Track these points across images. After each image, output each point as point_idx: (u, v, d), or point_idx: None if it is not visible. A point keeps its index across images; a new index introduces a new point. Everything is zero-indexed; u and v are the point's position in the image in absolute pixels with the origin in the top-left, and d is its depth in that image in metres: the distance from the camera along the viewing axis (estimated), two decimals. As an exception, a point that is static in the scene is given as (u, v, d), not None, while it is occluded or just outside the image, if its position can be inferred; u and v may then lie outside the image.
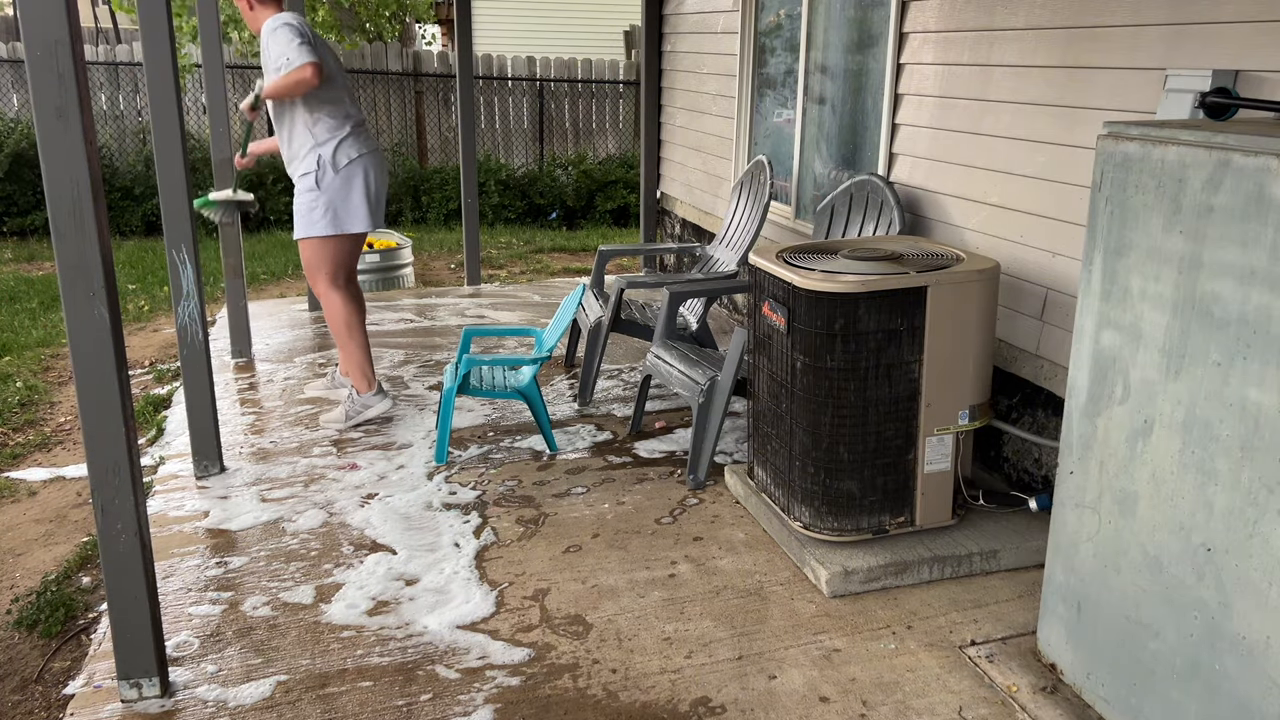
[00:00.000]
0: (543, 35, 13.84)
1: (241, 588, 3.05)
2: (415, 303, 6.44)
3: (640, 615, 2.93)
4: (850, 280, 2.91)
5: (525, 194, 10.75)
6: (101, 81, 9.86)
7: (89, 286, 2.23)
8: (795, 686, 2.60)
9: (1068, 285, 3.33)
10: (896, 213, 3.93)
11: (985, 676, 2.65)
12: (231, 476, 3.83)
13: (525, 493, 3.72)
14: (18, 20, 2.09)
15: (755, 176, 4.98)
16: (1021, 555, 3.19)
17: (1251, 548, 1.98)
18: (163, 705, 2.51)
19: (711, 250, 5.14)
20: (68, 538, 3.66)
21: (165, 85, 3.30)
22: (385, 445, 4.13)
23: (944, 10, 3.89)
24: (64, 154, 2.15)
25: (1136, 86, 3.04)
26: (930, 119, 4.01)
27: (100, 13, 12.90)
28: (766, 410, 3.32)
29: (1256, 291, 1.92)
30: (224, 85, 4.84)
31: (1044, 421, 3.57)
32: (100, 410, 2.31)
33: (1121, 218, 2.23)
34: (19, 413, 4.88)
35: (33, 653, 2.97)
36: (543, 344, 4.20)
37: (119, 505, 2.38)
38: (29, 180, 8.96)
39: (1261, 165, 1.88)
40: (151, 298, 7.13)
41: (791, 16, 5.20)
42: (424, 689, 2.58)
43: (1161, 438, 2.18)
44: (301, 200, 4.12)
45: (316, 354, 5.33)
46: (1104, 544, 2.38)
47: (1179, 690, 2.20)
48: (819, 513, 3.13)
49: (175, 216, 3.42)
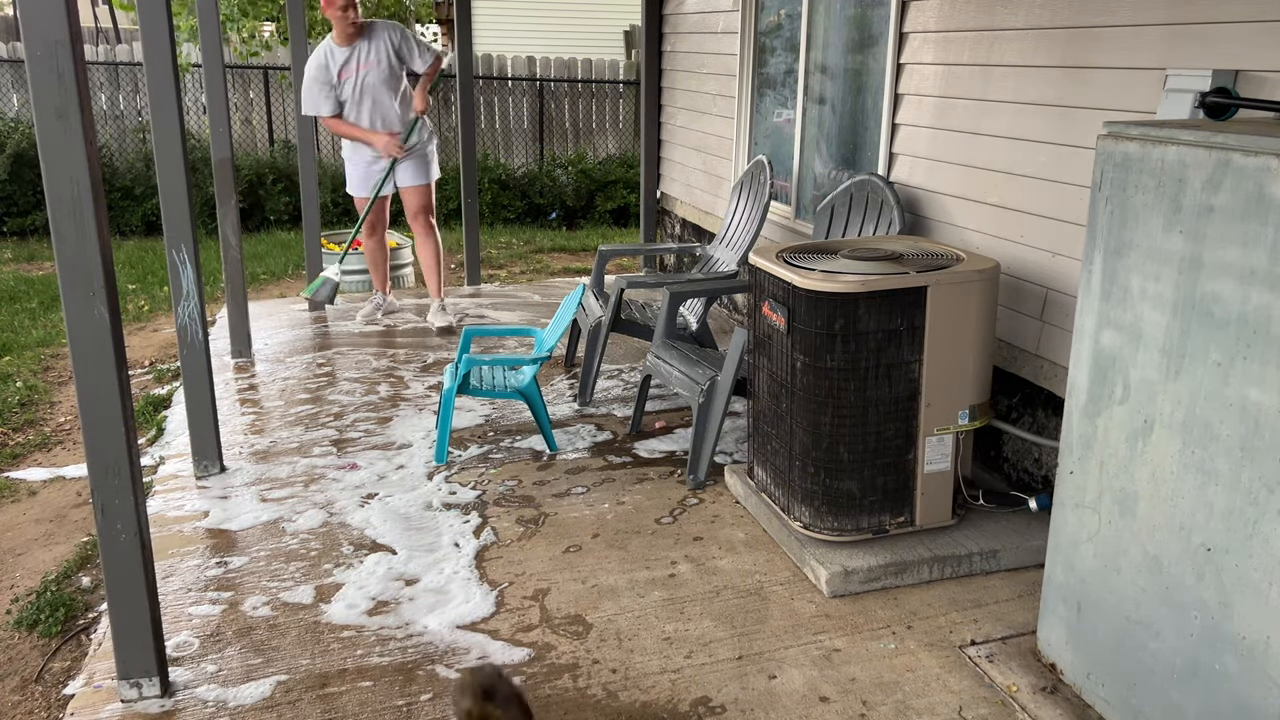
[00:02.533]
0: (543, 35, 13.84)
1: (241, 588, 3.05)
2: (415, 303, 6.44)
3: (640, 615, 2.93)
4: (850, 280, 2.91)
5: (525, 194, 10.75)
6: (101, 81, 9.87)
7: (89, 286, 2.23)
8: (795, 686, 2.60)
9: (1068, 285, 3.33)
10: (896, 213, 3.93)
11: (985, 676, 2.65)
12: (231, 476, 3.83)
13: (525, 493, 3.72)
14: (18, 20, 2.09)
15: (755, 176, 4.98)
16: (1021, 555, 3.19)
17: (1251, 548, 1.98)
18: (163, 705, 2.51)
19: (712, 250, 5.14)
20: (68, 538, 3.66)
21: (165, 85, 3.30)
22: (385, 445, 4.13)
23: (944, 10, 3.89)
24: (64, 154, 2.15)
25: (1136, 86, 3.04)
26: (930, 119, 4.01)
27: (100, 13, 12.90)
28: (766, 410, 3.32)
29: (1256, 291, 1.92)
30: (224, 85, 4.84)
31: (1044, 421, 3.57)
32: (100, 410, 2.31)
33: (1121, 218, 2.23)
34: (19, 413, 4.88)
35: (33, 653, 2.97)
36: (543, 344, 4.20)
37: (119, 505, 2.38)
38: (29, 180, 8.96)
39: (1261, 165, 1.88)
40: (151, 298, 7.13)
41: (791, 16, 5.20)
42: (424, 689, 2.58)
43: (1161, 438, 2.18)
44: (422, 156, 5.61)
45: (316, 354, 5.33)
46: (1104, 544, 2.38)
47: (1179, 690, 2.20)
48: (819, 512, 3.13)
49: (175, 216, 3.42)
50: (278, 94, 10.43)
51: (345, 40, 5.30)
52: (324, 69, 5.32)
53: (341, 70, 5.34)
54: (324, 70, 5.32)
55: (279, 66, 10.32)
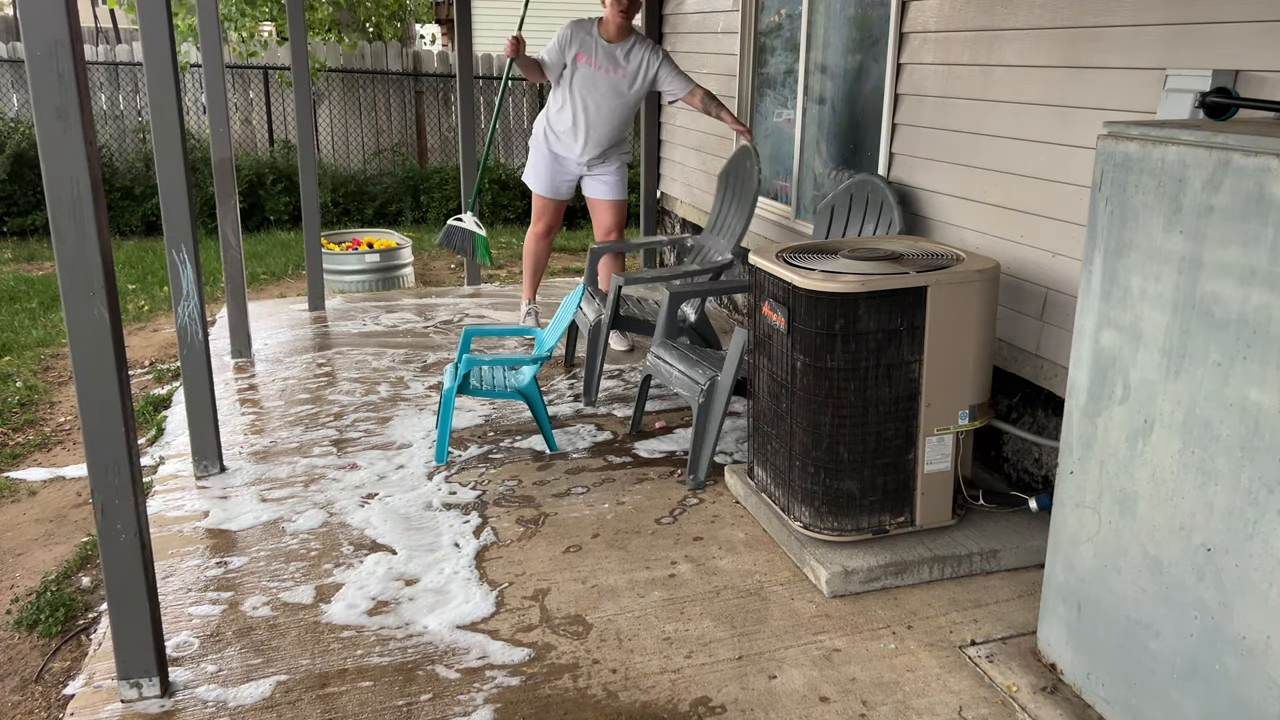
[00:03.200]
0: (543, 35, 13.79)
1: (241, 588, 3.05)
2: (415, 302, 6.44)
3: (640, 615, 2.93)
4: (850, 280, 2.91)
5: (525, 194, 10.74)
6: (101, 81, 9.86)
7: (89, 286, 2.23)
8: (795, 686, 2.60)
9: (1068, 285, 3.33)
10: (896, 212, 3.93)
11: (985, 676, 2.65)
12: (231, 476, 3.83)
13: (525, 493, 3.72)
14: (18, 20, 2.09)
15: (740, 163, 4.98)
16: (1021, 555, 3.19)
17: (1251, 548, 1.98)
18: (163, 705, 2.51)
19: (703, 240, 5.13)
20: (68, 538, 3.66)
21: (165, 85, 3.30)
22: (385, 445, 4.13)
23: (944, 10, 3.89)
24: (64, 154, 2.15)
25: (1136, 86, 3.04)
26: (930, 119, 4.01)
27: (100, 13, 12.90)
28: (766, 410, 3.32)
29: (1256, 291, 1.92)
30: (224, 85, 4.84)
31: (1044, 421, 3.57)
32: (100, 410, 2.31)
33: (1121, 218, 2.23)
34: (19, 413, 4.88)
35: (33, 653, 2.97)
36: (543, 344, 4.20)
37: (119, 505, 2.38)
38: (29, 180, 8.96)
39: (1261, 165, 1.88)
40: (151, 298, 7.13)
41: (791, 16, 5.20)
42: (424, 689, 2.58)
43: (1161, 438, 2.18)
44: (624, 174, 5.36)
45: (316, 353, 5.33)
46: (1104, 544, 2.38)
47: (1179, 690, 2.20)
48: (819, 513, 3.13)
49: (175, 216, 3.42)
50: (278, 94, 10.43)
51: (612, 36, 5.02)
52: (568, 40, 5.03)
53: (583, 54, 5.03)
54: (564, 37, 5.04)
55: (279, 66, 10.31)
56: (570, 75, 5.09)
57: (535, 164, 5.36)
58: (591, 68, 5.04)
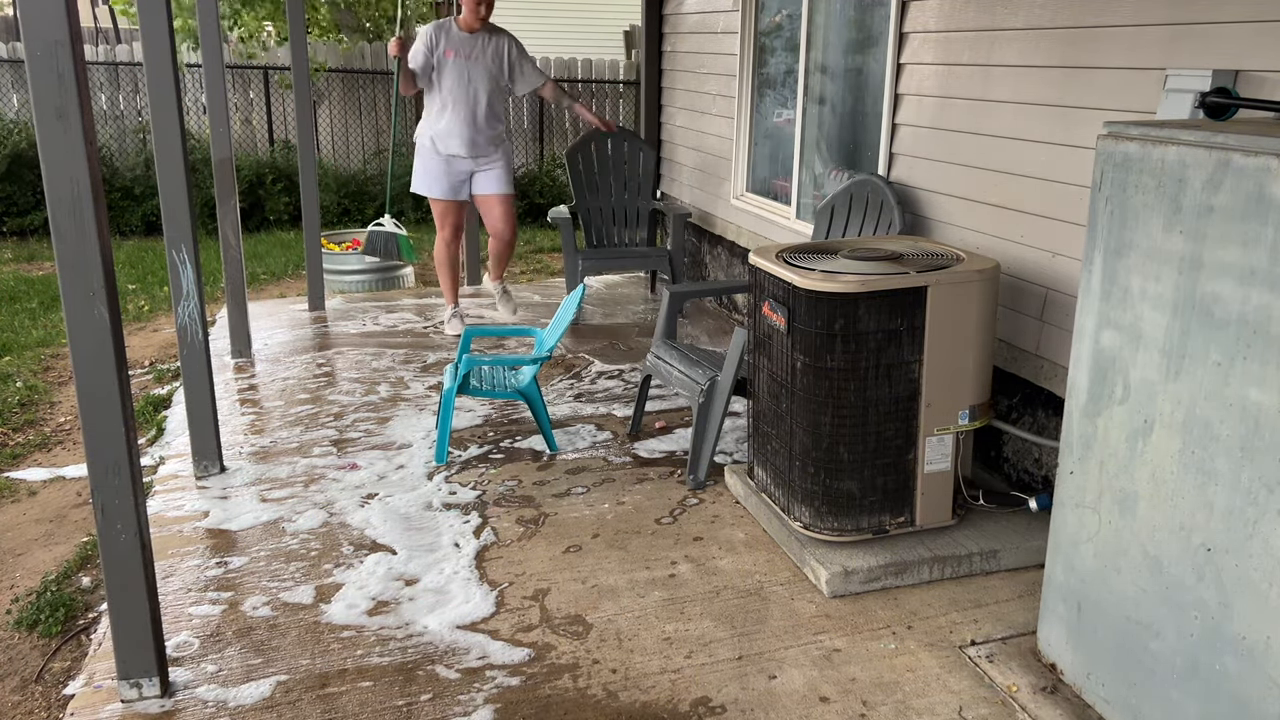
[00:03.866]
0: (543, 35, 13.81)
1: (241, 588, 3.05)
2: (415, 303, 6.44)
3: (640, 615, 2.93)
4: (850, 280, 2.91)
5: (525, 194, 10.74)
6: (101, 81, 9.86)
7: (89, 286, 2.23)
8: (795, 686, 2.60)
9: (1068, 285, 3.33)
10: (896, 213, 3.93)
11: (985, 676, 2.65)
12: (231, 476, 3.83)
13: (525, 493, 3.72)
14: (18, 20, 2.09)
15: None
16: (1021, 555, 3.19)
17: (1251, 548, 1.98)
18: (163, 705, 2.51)
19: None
20: (68, 538, 3.66)
21: (165, 85, 3.30)
22: (385, 445, 4.13)
23: (944, 10, 3.89)
24: (64, 154, 2.15)
25: (1136, 86, 3.04)
26: (930, 119, 4.01)
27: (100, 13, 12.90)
28: (766, 410, 3.32)
29: (1256, 291, 1.92)
30: (224, 85, 4.84)
31: (1044, 421, 3.57)
32: (100, 410, 2.31)
33: (1121, 218, 2.23)
34: (19, 413, 4.88)
35: (33, 653, 2.97)
36: (543, 344, 4.20)
37: (119, 505, 2.38)
38: (29, 180, 8.96)
39: (1261, 165, 1.88)
40: (151, 298, 7.13)
41: (791, 16, 5.20)
42: (424, 689, 2.58)
43: (1161, 438, 2.18)
44: (511, 166, 5.55)
45: (316, 354, 5.33)
46: (1104, 544, 2.38)
47: (1179, 690, 2.20)
48: (819, 513, 3.13)
49: (175, 216, 3.42)
50: (278, 94, 10.43)
51: (471, 28, 5.29)
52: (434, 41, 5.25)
53: (450, 49, 5.26)
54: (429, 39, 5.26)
55: (279, 66, 10.31)
56: (439, 78, 5.29)
57: (428, 172, 5.45)
58: (461, 59, 5.28)
